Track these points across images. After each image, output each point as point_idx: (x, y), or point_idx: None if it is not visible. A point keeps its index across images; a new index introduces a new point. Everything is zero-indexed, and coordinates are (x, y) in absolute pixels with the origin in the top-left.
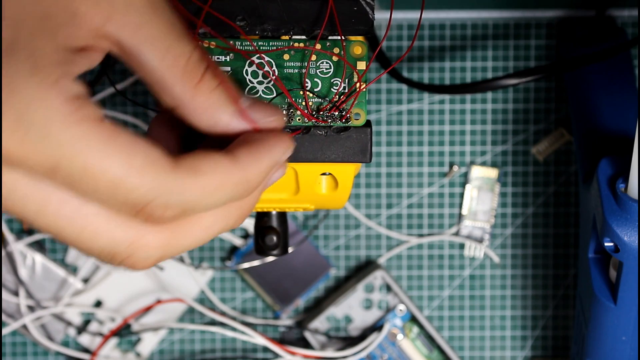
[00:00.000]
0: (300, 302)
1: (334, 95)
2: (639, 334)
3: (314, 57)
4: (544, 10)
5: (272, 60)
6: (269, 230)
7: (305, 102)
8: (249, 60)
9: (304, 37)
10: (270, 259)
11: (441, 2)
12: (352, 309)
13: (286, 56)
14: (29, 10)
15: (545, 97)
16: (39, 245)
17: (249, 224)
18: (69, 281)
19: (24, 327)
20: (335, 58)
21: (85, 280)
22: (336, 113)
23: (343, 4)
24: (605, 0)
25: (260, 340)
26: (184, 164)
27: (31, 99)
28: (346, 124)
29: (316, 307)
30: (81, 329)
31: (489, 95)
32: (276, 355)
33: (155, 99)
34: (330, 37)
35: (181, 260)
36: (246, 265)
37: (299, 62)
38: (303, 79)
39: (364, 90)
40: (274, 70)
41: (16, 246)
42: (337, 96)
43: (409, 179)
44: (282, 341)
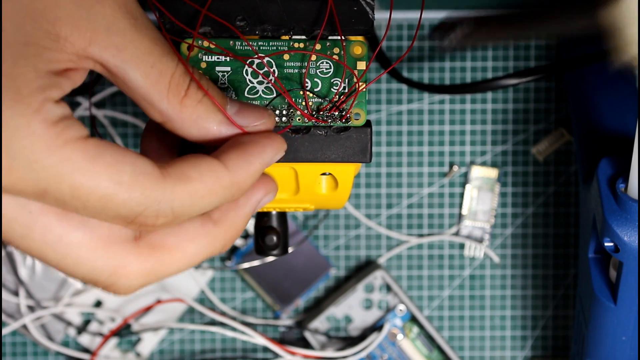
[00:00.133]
0: (300, 302)
1: (334, 95)
2: (639, 334)
3: (314, 57)
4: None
5: (272, 60)
6: (269, 230)
7: (305, 102)
8: (249, 61)
9: (304, 37)
10: (270, 259)
11: (441, 2)
12: (352, 309)
13: (286, 56)
14: (11, 36)
15: (545, 97)
16: None
17: (249, 224)
18: (69, 281)
19: (24, 327)
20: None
21: None
22: (336, 113)
23: (343, 4)
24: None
25: (260, 340)
26: (172, 172)
27: (15, 128)
28: (346, 124)
29: (316, 307)
30: (81, 329)
31: (489, 95)
32: (276, 355)
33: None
34: (330, 37)
35: None
36: (246, 265)
37: (299, 62)
38: (303, 79)
39: (364, 90)
40: (273, 71)
41: None
42: (337, 96)
43: (409, 179)
44: (282, 341)
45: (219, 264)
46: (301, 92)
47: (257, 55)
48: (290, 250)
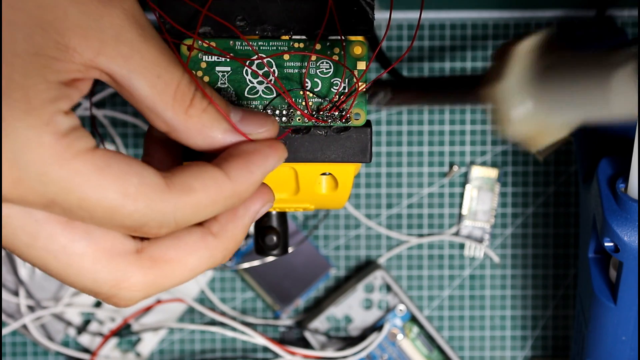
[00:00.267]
0: (300, 302)
1: (334, 95)
2: (639, 334)
3: (314, 57)
4: (544, 10)
5: (272, 61)
6: (269, 230)
7: (305, 102)
8: (248, 61)
9: (304, 37)
10: (270, 259)
11: (441, 2)
12: (352, 309)
13: (286, 56)
14: (21, 47)
15: None
16: None
17: None
18: None
19: (24, 327)
20: (335, 58)
21: None
22: (336, 113)
23: (343, 4)
24: (605, 0)
25: (260, 340)
26: (176, 182)
27: (26, 141)
28: (346, 124)
29: (316, 307)
30: (81, 329)
31: None
32: (276, 355)
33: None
34: (330, 37)
35: None
36: (246, 265)
37: (299, 62)
38: (303, 79)
39: (364, 90)
40: (273, 71)
41: None
42: (337, 96)
43: (409, 179)
44: (282, 341)
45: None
46: (301, 92)
47: (257, 56)
48: (290, 250)
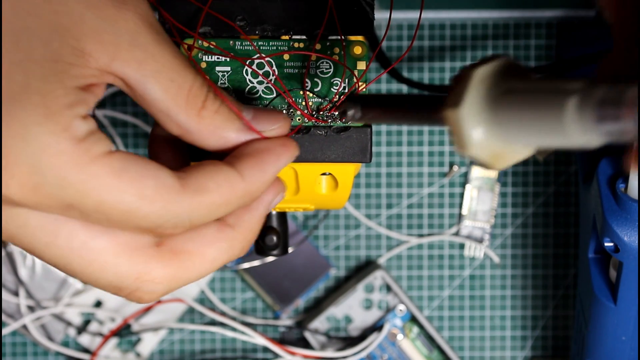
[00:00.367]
0: (300, 302)
1: (334, 95)
2: (639, 334)
3: (314, 57)
4: (544, 10)
5: (272, 60)
6: (269, 230)
7: (305, 102)
8: (249, 61)
9: (304, 37)
10: (270, 259)
11: (441, 2)
12: (352, 309)
13: (286, 56)
14: (39, 53)
15: None
16: None
17: None
18: (69, 281)
19: (24, 327)
20: (335, 58)
21: None
22: (336, 113)
23: (343, 4)
24: None
25: (260, 340)
26: (191, 183)
27: (45, 147)
28: (346, 124)
29: (316, 307)
30: (81, 329)
31: None
32: (276, 355)
33: (160, 126)
34: (330, 37)
35: None
36: (246, 265)
37: (299, 61)
38: (303, 79)
39: (364, 90)
40: (274, 70)
41: (16, 246)
42: (337, 96)
43: (409, 179)
44: (282, 341)
45: None
46: (301, 92)
47: (258, 55)
48: (290, 250)
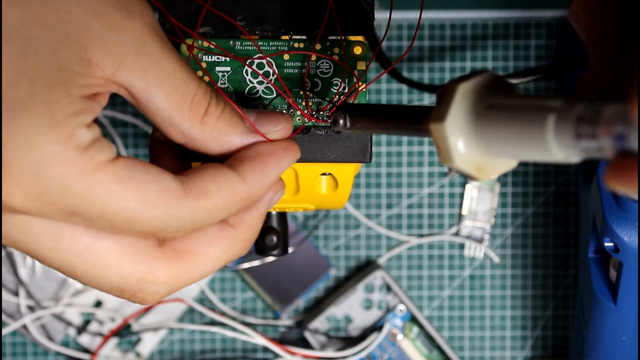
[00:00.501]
0: (300, 302)
1: (334, 95)
2: (639, 334)
3: (314, 57)
4: (544, 10)
5: (272, 60)
6: (269, 230)
7: (305, 102)
8: (249, 60)
9: (304, 37)
10: (270, 259)
11: (441, 2)
12: (352, 309)
13: (286, 56)
14: (46, 62)
15: None
16: None
17: None
18: (69, 281)
19: (24, 327)
20: (335, 58)
21: None
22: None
23: (343, 4)
24: None
25: (260, 340)
26: (193, 187)
27: (50, 155)
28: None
29: (316, 307)
30: (81, 329)
31: None
32: (276, 355)
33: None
34: (330, 37)
35: None
36: (246, 265)
37: (299, 62)
38: (303, 79)
39: (364, 90)
40: (274, 70)
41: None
42: (337, 96)
43: (409, 179)
44: (282, 341)
45: None
46: (301, 92)
47: (258, 55)
48: (290, 250)
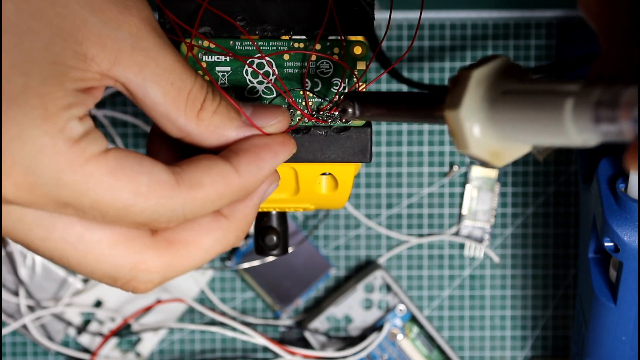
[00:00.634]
0: (300, 302)
1: (334, 95)
2: (639, 334)
3: (314, 57)
4: (544, 10)
5: (272, 60)
6: (269, 230)
7: (305, 102)
8: (249, 60)
9: (304, 37)
10: (270, 259)
11: (441, 2)
12: (352, 309)
13: (286, 56)
14: (40, 55)
15: None
16: None
17: None
18: (69, 281)
19: (24, 327)
20: (335, 58)
21: (85, 280)
22: (336, 113)
23: (343, 4)
24: None
25: (260, 340)
26: (185, 178)
27: (41, 147)
28: (346, 124)
29: (316, 307)
30: (81, 329)
31: None
32: (276, 355)
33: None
34: (330, 37)
35: None
36: (246, 265)
37: (299, 61)
38: (303, 79)
39: (364, 90)
40: (274, 70)
41: (16, 246)
42: (337, 96)
43: (409, 179)
44: (282, 341)
45: (219, 264)
46: (301, 92)
47: (258, 55)
48: (290, 250)
